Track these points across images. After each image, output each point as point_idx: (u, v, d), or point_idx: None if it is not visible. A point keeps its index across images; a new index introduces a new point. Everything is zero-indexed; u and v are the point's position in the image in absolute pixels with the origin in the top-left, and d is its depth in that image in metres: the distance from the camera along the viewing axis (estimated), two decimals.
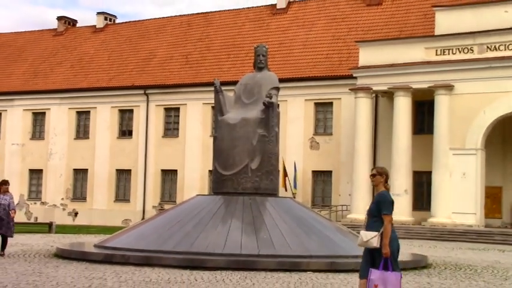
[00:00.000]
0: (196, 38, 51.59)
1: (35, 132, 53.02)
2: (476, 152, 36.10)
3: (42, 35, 59.90)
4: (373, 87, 38.63)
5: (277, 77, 20.58)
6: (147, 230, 19.11)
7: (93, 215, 48.26)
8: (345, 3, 48.72)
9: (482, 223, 36.15)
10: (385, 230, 9.32)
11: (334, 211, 40.66)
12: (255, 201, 18.65)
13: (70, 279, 13.58)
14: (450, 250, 26.43)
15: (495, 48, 35.97)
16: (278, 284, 13.59)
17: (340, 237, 19.15)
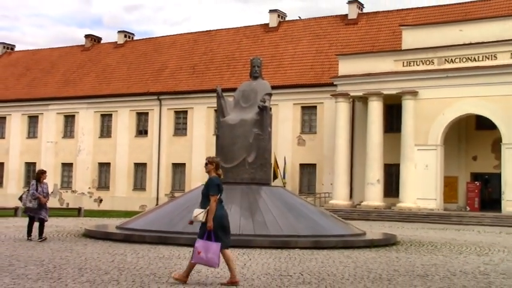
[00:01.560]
0: (201, 51, 51.55)
1: (66, 132, 52.90)
2: (436, 147, 36.17)
3: (72, 50, 59.80)
4: (350, 93, 38.64)
5: (269, 84, 20.58)
6: (160, 214, 19.12)
7: (115, 201, 48.22)
8: (326, 22, 48.80)
9: (441, 207, 36.21)
10: (210, 207, 9.91)
11: (318, 198, 40.63)
12: (251, 189, 18.69)
13: (96, 255, 13.60)
14: (415, 230, 26.50)
15: (452, 61, 36.00)
16: (271, 259, 13.59)
17: (323, 220, 19.19)
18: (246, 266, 12.35)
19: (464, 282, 11.13)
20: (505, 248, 18.41)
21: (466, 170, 38.85)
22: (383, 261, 14.01)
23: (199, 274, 10.85)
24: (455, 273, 12.24)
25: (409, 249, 17.09)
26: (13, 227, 22.40)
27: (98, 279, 10.16)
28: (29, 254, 13.68)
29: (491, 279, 11.67)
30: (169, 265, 12.23)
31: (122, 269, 11.45)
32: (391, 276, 11.59)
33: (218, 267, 10.04)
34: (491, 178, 37.75)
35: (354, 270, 12.29)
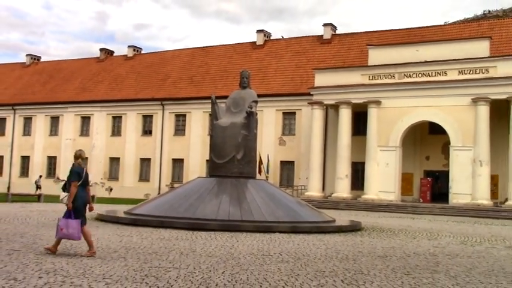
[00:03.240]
0: (199, 64, 51.46)
1: (82, 131, 52.64)
2: (396, 148, 36.30)
3: (88, 61, 59.54)
4: (324, 101, 38.68)
5: (256, 93, 20.59)
6: (162, 202, 19.09)
7: (123, 190, 48.03)
8: (305, 41, 48.88)
9: (399, 199, 36.35)
10: (70, 191, 10.28)
11: (296, 189, 40.67)
12: (239, 182, 18.68)
13: (107, 236, 13.55)
14: (377, 218, 26.60)
15: (410, 76, 36.13)
16: (255, 242, 13.60)
17: (300, 208, 19.23)
18: (233, 247, 12.35)
19: (417, 262, 11.21)
20: (451, 234, 18.54)
21: (420, 167, 39.03)
22: (349, 244, 14.06)
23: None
24: (409, 255, 12.32)
25: (372, 234, 17.16)
26: (36, 211, 22.27)
27: (108, 256, 10.15)
28: (50, 234, 13.58)
29: (439, 259, 11.76)
30: (168, 245, 12.20)
31: (128, 248, 11.43)
32: (356, 256, 11.65)
33: (80, 240, 10.40)
34: (441, 175, 37.85)
35: (325, 251, 12.33)
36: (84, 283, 7.63)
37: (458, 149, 34.28)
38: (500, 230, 21.49)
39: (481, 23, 46.57)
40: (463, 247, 14.51)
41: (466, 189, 33.58)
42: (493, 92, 33.51)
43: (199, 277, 8.45)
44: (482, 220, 28.18)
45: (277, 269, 9.49)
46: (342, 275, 9.15)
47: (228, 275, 8.70)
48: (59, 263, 9.24)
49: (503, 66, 33.62)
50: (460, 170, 33.91)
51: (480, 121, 33.55)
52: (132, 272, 8.61)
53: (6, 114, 56.44)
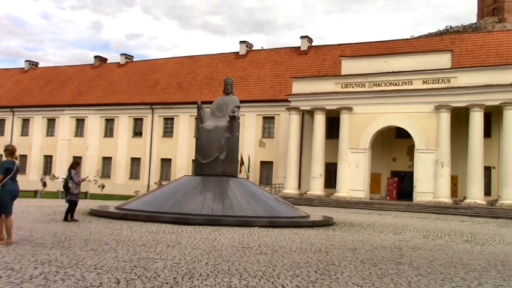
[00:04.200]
0: (186, 72, 51.29)
1: (77, 132, 52.15)
2: (365, 150, 36.51)
3: (84, 68, 59.01)
4: (300, 107, 38.76)
5: (238, 99, 20.59)
6: (151, 198, 18.98)
7: (115, 187, 47.66)
8: (283, 52, 49.01)
9: (368, 196, 36.54)
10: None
11: (274, 187, 40.72)
12: (222, 180, 18.65)
13: (99, 229, 13.45)
14: (348, 214, 26.71)
15: (379, 85, 36.38)
16: (236, 235, 13.58)
17: (277, 205, 19.23)
18: (216, 240, 12.31)
19: (384, 254, 11.28)
20: (415, 229, 18.68)
21: (388, 168, 39.31)
22: (322, 237, 14.11)
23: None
24: (377, 248, 12.39)
25: (343, 229, 17.21)
26: (33, 206, 22.00)
27: (99, 248, 10.06)
28: (46, 228, 13.47)
29: (404, 252, 11.85)
30: (156, 238, 12.13)
31: (118, 241, 11.34)
32: (328, 249, 11.69)
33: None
34: (406, 175, 38.14)
35: (300, 244, 12.35)
36: (77, 273, 7.55)
37: (422, 152, 34.58)
38: (458, 226, 21.73)
39: (444, 38, 47.14)
40: (425, 241, 14.63)
41: (429, 188, 33.89)
42: (453, 100, 33.87)
43: (184, 267, 8.42)
44: (442, 216, 28.45)
45: (256, 260, 9.48)
46: (315, 266, 9.17)
47: (211, 266, 8.68)
48: (53, 254, 9.15)
49: (463, 77, 34.02)
50: (424, 170, 34.21)
51: (442, 126, 33.89)
52: (122, 263, 8.55)
53: (6, 116, 55.79)
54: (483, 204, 32.42)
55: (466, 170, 33.63)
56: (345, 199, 35.63)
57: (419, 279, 8.46)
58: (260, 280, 7.70)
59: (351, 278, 8.22)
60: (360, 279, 8.21)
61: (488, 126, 34.82)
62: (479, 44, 41.28)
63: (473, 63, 37.89)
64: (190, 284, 7.22)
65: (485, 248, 13.49)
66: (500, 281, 8.73)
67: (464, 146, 34.00)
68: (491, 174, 35.10)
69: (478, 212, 31.17)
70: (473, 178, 32.88)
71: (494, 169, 35.10)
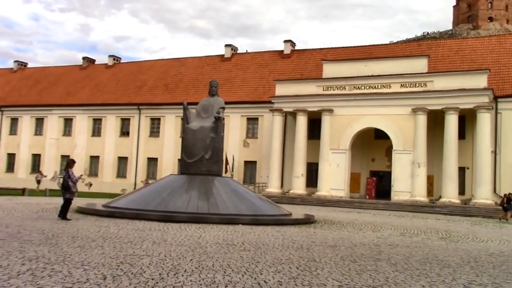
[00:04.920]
0: (173, 74, 51.06)
1: (65, 131, 51.60)
2: (345, 151, 36.66)
3: (72, 69, 58.43)
4: (283, 109, 38.81)
5: (223, 100, 20.55)
6: (137, 196, 18.85)
7: (102, 185, 47.25)
8: (267, 56, 49.04)
9: (348, 195, 36.68)
10: None
11: (257, 186, 40.73)
12: (207, 179, 18.60)
13: (86, 227, 13.32)
14: (328, 212, 26.82)
15: (359, 88, 36.57)
16: (220, 232, 13.56)
17: (261, 203, 19.24)
18: (201, 237, 12.28)
19: (363, 251, 11.34)
20: (392, 227, 18.82)
21: (367, 168, 39.56)
22: (304, 235, 14.14)
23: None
24: (356, 245, 12.46)
25: (323, 226, 17.28)
26: (21, 203, 21.72)
27: (86, 245, 9.97)
28: (33, 225, 13.30)
29: (382, 248, 11.93)
30: (142, 235, 12.05)
31: (105, 238, 11.24)
32: (309, 246, 11.72)
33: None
34: (384, 175, 38.39)
35: (282, 241, 12.36)
36: (64, 269, 7.47)
37: (399, 153, 34.84)
38: (434, 224, 21.94)
39: (421, 43, 47.58)
40: (402, 238, 14.74)
41: (406, 187, 34.16)
42: (430, 104, 34.19)
43: (169, 264, 8.37)
44: (419, 215, 28.71)
45: (240, 257, 9.47)
46: (296, 263, 9.19)
47: (196, 262, 8.65)
48: (41, 251, 9.04)
49: (439, 81, 34.35)
50: (401, 170, 34.47)
51: (419, 128, 34.19)
52: (109, 259, 8.48)
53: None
54: (457, 203, 32.77)
55: (441, 170, 33.95)
56: (325, 198, 35.73)
57: (396, 275, 8.52)
58: (243, 276, 7.69)
59: (331, 274, 8.25)
60: (339, 275, 8.24)
61: (463, 129, 35.21)
62: (455, 50, 41.74)
63: (449, 68, 38.28)
64: (175, 280, 7.19)
65: (459, 245, 13.64)
66: (473, 276, 8.83)
67: (439, 147, 34.32)
68: (465, 175, 35.51)
69: (452, 210, 31.51)
70: (448, 178, 33.21)
71: (468, 169, 35.52)
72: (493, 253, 12.28)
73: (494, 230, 20.11)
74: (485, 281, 8.43)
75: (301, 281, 7.54)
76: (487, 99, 33.14)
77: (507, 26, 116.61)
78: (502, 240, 15.94)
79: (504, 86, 36.35)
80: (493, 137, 34.57)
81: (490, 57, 39.46)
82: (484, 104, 32.90)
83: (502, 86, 36.32)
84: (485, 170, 32.70)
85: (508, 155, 34.99)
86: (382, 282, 7.81)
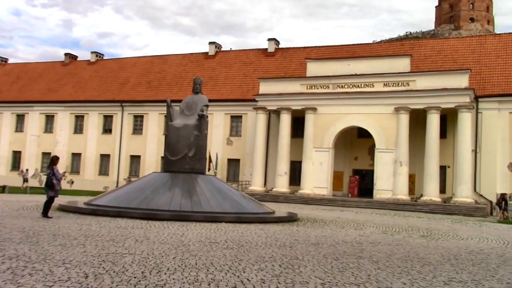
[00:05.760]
0: (156, 71, 50.75)
1: (46, 128, 51.03)
2: (329, 149, 36.79)
3: (54, 65, 57.77)
4: (267, 107, 38.81)
5: (207, 98, 20.52)
6: (120, 194, 18.73)
7: (84, 183, 46.83)
8: (252, 54, 49.00)
9: (330, 193, 36.84)
10: None
11: (241, 184, 40.72)
12: (190, 177, 18.55)
13: (67, 225, 13.20)
14: (311, 210, 26.91)
15: (342, 86, 36.70)
16: (203, 230, 13.54)
17: (244, 201, 19.26)
18: (184, 235, 12.24)
19: (345, 248, 11.42)
20: (375, 224, 18.97)
21: (350, 167, 39.74)
22: (287, 232, 14.18)
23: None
24: (338, 242, 12.53)
25: (306, 224, 17.35)
26: (1, 201, 21.44)
27: (68, 243, 9.88)
28: (14, 223, 13.14)
29: (364, 246, 12.02)
30: (124, 233, 11.98)
31: (87, 236, 11.15)
32: (292, 243, 11.76)
33: None
34: (367, 173, 38.55)
35: (265, 239, 12.39)
36: (45, 268, 7.40)
37: (382, 151, 35.09)
38: (415, 222, 22.16)
39: (404, 43, 47.94)
40: (384, 236, 14.87)
41: (388, 186, 34.42)
42: (412, 103, 34.48)
43: (152, 262, 8.34)
44: (401, 213, 28.98)
45: (223, 255, 9.47)
46: (279, 260, 9.22)
47: (179, 260, 8.63)
48: (21, 249, 8.93)
49: (422, 81, 34.67)
50: (383, 169, 34.72)
51: (401, 127, 34.47)
52: (91, 258, 8.42)
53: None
54: (438, 201, 33.13)
55: (423, 169, 34.26)
56: (308, 196, 35.84)
57: (378, 272, 8.60)
58: (226, 274, 7.69)
59: (314, 272, 8.29)
60: (322, 272, 8.29)
61: (444, 128, 35.60)
62: (437, 50, 42.15)
63: (431, 68, 38.64)
64: (158, 278, 7.16)
65: (440, 243, 13.80)
66: (453, 274, 8.95)
67: (421, 146, 34.64)
68: (446, 173, 35.91)
69: (433, 208, 31.87)
70: (430, 177, 33.54)
71: (449, 168, 35.94)
72: (472, 251, 12.46)
73: (474, 228, 20.39)
74: (465, 278, 8.55)
75: (284, 279, 7.57)
76: (468, 99, 33.55)
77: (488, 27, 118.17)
78: (482, 238, 16.18)
79: (485, 86, 36.84)
80: (473, 136, 35.00)
81: (471, 57, 39.94)
82: (465, 103, 33.30)
83: (483, 86, 36.79)
84: (466, 168, 33.11)
85: (488, 154, 35.47)
86: (364, 280, 7.88)
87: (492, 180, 35.09)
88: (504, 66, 38.12)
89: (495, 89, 36.52)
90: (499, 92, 36.13)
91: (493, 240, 15.66)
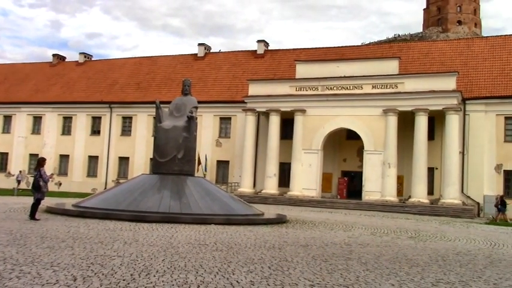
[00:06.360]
0: (145, 72, 50.56)
1: (34, 129, 50.63)
2: (318, 151, 36.89)
3: (42, 66, 57.31)
4: (256, 109, 38.83)
5: (196, 100, 20.49)
6: (108, 196, 18.62)
7: (72, 185, 46.51)
8: (241, 55, 49.00)
9: (319, 195, 36.91)
10: None
11: (230, 186, 40.67)
12: (179, 178, 18.52)
13: (55, 227, 13.11)
14: (300, 212, 26.97)
15: (331, 88, 36.82)
16: (192, 232, 13.51)
17: (233, 203, 19.24)
18: (173, 237, 12.22)
19: (334, 250, 11.46)
20: (363, 226, 19.05)
21: (338, 168, 39.87)
22: (276, 234, 14.20)
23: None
24: (327, 244, 12.57)
25: (295, 226, 17.37)
26: None
27: (56, 246, 9.81)
28: (1, 225, 13.01)
29: (353, 248, 12.07)
30: (113, 235, 11.93)
31: (75, 238, 11.09)
32: (281, 245, 11.78)
33: None
34: (356, 175, 38.68)
35: (255, 241, 12.40)
36: (32, 270, 7.35)
37: (370, 153, 35.24)
38: (404, 223, 22.29)
39: (392, 45, 48.25)
40: (372, 237, 14.94)
41: (377, 187, 34.57)
42: (400, 105, 34.69)
43: (141, 264, 8.31)
44: (389, 214, 29.13)
45: (212, 257, 9.47)
46: (269, 262, 9.23)
47: (168, 263, 8.61)
48: (8, 252, 8.86)
49: (410, 83, 34.89)
50: (372, 171, 34.87)
51: (389, 129, 34.65)
52: (79, 260, 8.37)
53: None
54: (426, 202, 33.34)
55: (411, 171, 34.47)
56: (297, 197, 35.89)
57: (366, 274, 8.64)
58: (216, 276, 7.69)
59: (303, 274, 8.32)
60: (311, 274, 8.32)
61: (432, 130, 35.85)
62: (425, 52, 42.46)
63: (419, 70, 38.91)
64: (147, 280, 7.14)
65: (427, 244, 13.90)
66: (441, 275, 9.02)
67: (409, 148, 34.84)
68: (434, 175, 36.16)
69: (421, 210, 32.07)
70: (418, 178, 33.74)
71: (437, 170, 36.18)
72: (460, 252, 12.57)
73: (461, 229, 20.56)
74: (452, 279, 8.62)
75: (274, 281, 7.58)
76: (455, 101, 33.82)
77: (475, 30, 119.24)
78: (469, 239, 16.33)
79: (472, 88, 37.17)
80: (461, 138, 35.29)
81: (458, 59, 40.28)
82: (453, 105, 33.57)
83: (470, 88, 37.13)
84: (454, 170, 33.37)
85: (475, 156, 35.78)
86: (353, 281, 7.92)
87: (479, 181, 35.40)
88: (491, 68, 38.50)
89: (482, 91, 36.87)
90: (485, 94, 36.49)
91: (480, 241, 15.81)
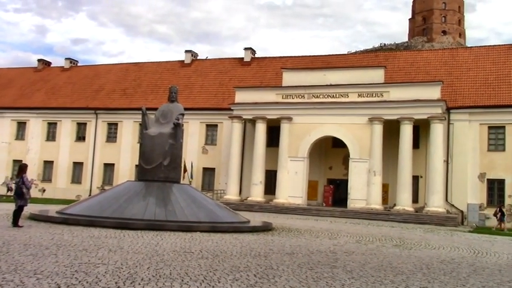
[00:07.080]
0: (132, 78, 50.38)
1: (18, 135, 50.13)
2: (304, 159, 36.99)
3: (26, 71, 56.86)
4: (243, 116, 38.84)
5: (182, 107, 20.46)
6: (93, 203, 18.49)
7: (56, 191, 46.02)
8: (227, 63, 49.07)
9: (305, 203, 36.96)
10: None
11: (216, 193, 40.57)
12: (165, 186, 18.45)
13: (39, 234, 12.97)
14: (286, 219, 26.96)
15: (317, 96, 37.00)
16: (178, 240, 13.46)
17: (219, 210, 19.20)
18: (158, 245, 12.15)
19: (319, 258, 11.48)
20: (349, 234, 19.12)
21: (324, 176, 39.99)
22: (262, 242, 14.19)
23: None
24: (313, 252, 12.59)
25: (281, 234, 17.37)
26: None
27: (39, 253, 9.71)
28: None
29: (338, 256, 12.11)
30: (98, 243, 11.83)
31: (59, 245, 10.98)
32: (267, 253, 11.77)
33: None
34: (341, 183, 38.79)
35: (240, 248, 12.38)
36: (15, 278, 7.26)
37: (356, 161, 35.42)
38: (389, 231, 22.41)
39: (378, 54, 48.67)
40: (358, 245, 15.00)
41: (362, 195, 34.72)
42: (386, 113, 34.96)
43: (126, 272, 8.26)
44: (374, 222, 29.25)
45: (198, 265, 9.43)
46: (254, 270, 9.22)
47: (153, 270, 8.56)
48: None
49: (395, 92, 35.21)
50: (357, 179, 35.03)
51: (375, 137, 34.88)
52: (63, 268, 8.29)
53: None
54: (411, 210, 33.56)
55: (396, 179, 34.69)
56: (283, 205, 35.91)
57: (352, 282, 8.68)
58: (201, 284, 7.67)
59: (289, 282, 8.33)
60: (297, 282, 8.33)
61: (417, 138, 36.16)
62: (410, 62, 42.90)
63: (404, 79, 39.27)
64: None
65: (412, 252, 13.99)
66: (425, 283, 9.09)
67: (394, 156, 35.10)
68: (418, 183, 36.43)
69: (406, 218, 32.26)
70: (403, 186, 33.98)
71: (421, 178, 36.46)
72: (444, 260, 12.67)
73: (445, 238, 20.73)
74: (436, 287, 8.69)
75: None
76: (440, 110, 34.19)
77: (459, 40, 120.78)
78: (453, 247, 16.47)
79: (456, 98, 37.61)
80: (445, 147, 35.63)
81: (443, 69, 40.75)
82: (437, 114, 33.93)
83: (454, 98, 37.56)
84: (438, 178, 33.67)
85: (459, 164, 36.14)
86: None
87: (463, 190, 35.75)
88: (475, 78, 39.00)
89: (466, 100, 37.32)
90: (469, 103, 36.94)
91: (463, 249, 15.96)
